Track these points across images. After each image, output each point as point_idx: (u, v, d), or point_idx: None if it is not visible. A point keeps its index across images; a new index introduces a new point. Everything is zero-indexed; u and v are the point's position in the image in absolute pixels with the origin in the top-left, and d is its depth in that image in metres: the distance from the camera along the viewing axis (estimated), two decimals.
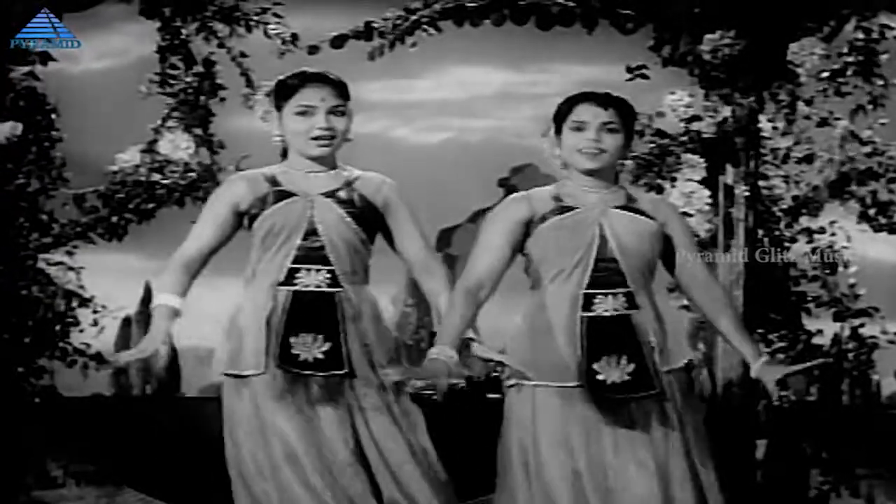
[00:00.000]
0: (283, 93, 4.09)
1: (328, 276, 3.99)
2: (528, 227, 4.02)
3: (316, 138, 4.02)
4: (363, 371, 3.97)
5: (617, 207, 4.03)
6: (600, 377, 3.94)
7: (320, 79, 4.07)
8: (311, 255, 4.00)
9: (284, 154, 4.15)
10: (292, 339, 3.95)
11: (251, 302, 4.03)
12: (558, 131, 4.07)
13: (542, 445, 3.93)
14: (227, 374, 4.03)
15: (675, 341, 4.03)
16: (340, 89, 4.07)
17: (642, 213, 4.04)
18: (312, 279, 3.99)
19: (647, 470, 3.90)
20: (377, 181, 4.10)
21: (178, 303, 4.06)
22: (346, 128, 4.06)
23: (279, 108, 4.09)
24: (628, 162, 6.02)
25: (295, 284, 3.99)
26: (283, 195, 4.04)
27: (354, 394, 3.96)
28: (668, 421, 3.96)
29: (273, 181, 4.07)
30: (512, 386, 4.01)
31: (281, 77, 4.14)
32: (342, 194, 4.05)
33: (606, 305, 3.99)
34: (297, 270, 4.00)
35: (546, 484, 3.90)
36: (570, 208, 4.01)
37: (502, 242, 4.01)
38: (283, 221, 4.01)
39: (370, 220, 4.06)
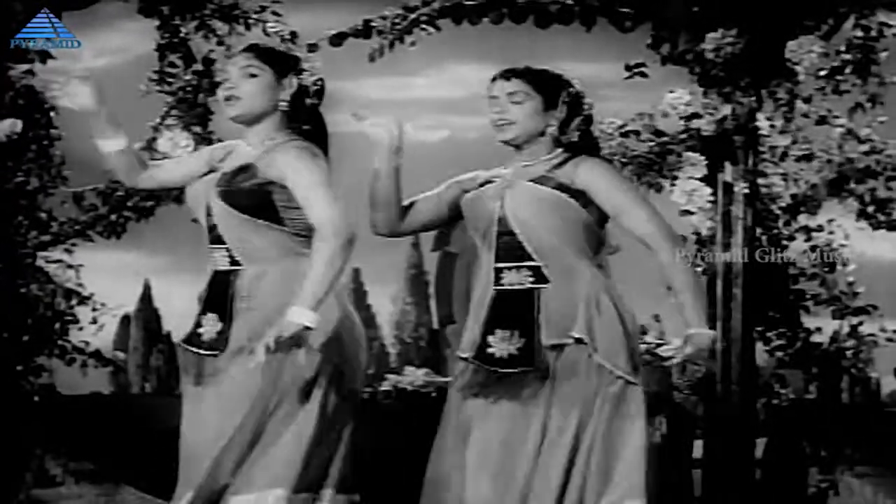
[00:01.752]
0: None
1: (226, 255, 3.97)
2: (445, 208, 4.15)
3: (225, 100, 4.02)
4: (236, 350, 3.90)
5: (531, 180, 3.97)
6: (490, 350, 3.93)
7: (248, 48, 4.06)
8: (212, 235, 4.01)
9: None
10: (201, 318, 3.97)
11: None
12: None
13: (449, 415, 3.97)
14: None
15: (567, 316, 3.89)
16: (256, 52, 4.01)
17: (558, 185, 3.93)
18: (217, 258, 3.99)
19: (533, 442, 3.86)
20: (281, 156, 3.94)
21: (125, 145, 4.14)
22: (256, 88, 3.97)
23: None
24: (628, 161, 6.03)
25: (216, 264, 4.01)
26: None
27: (222, 373, 3.92)
28: (539, 398, 3.87)
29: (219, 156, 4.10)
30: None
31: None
32: (224, 180, 3.99)
33: (511, 279, 3.96)
34: (212, 251, 4.01)
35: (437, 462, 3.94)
36: (486, 183, 4.04)
37: (435, 194, 4.14)
38: (191, 202, 4.09)
39: (263, 201, 3.94)
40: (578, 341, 3.85)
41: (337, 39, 6.29)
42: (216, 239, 3.98)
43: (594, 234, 3.96)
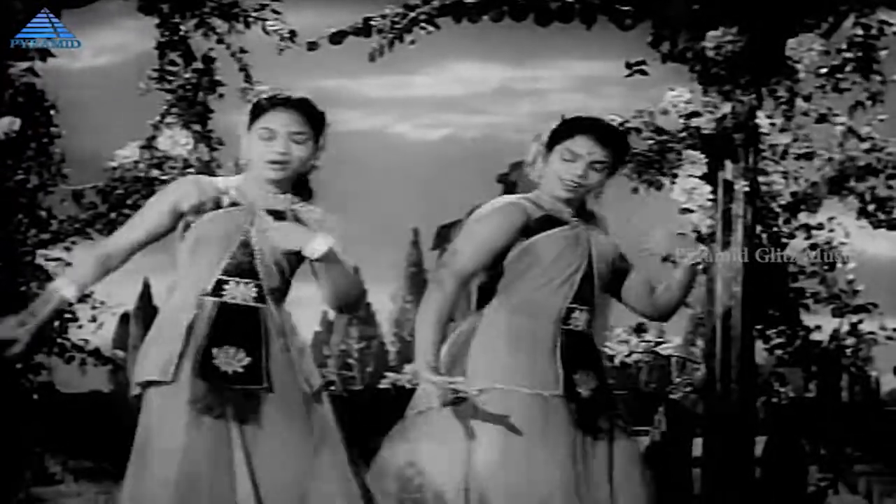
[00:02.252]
0: (254, 113, 4.04)
1: (255, 290, 3.93)
2: (519, 233, 4.04)
3: (271, 162, 3.98)
4: (282, 386, 3.90)
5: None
6: (578, 389, 3.99)
7: (290, 104, 3.99)
8: (242, 267, 3.93)
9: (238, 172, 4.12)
10: (215, 351, 3.89)
11: (171, 310, 3.98)
12: (550, 147, 4.08)
13: (517, 450, 3.93)
14: (138, 384, 3.95)
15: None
16: (308, 117, 3.98)
17: (610, 240, 4.15)
18: (240, 292, 3.93)
19: (604, 478, 3.97)
20: (316, 212, 4.02)
21: (74, 296, 4.00)
22: (305, 155, 3.97)
23: (249, 128, 4.04)
24: (628, 159, 6.02)
25: (222, 296, 3.94)
26: (228, 203, 3.99)
27: (273, 409, 3.89)
28: (621, 433, 4.05)
29: (222, 190, 4.01)
30: (481, 391, 3.96)
31: (257, 98, 4.09)
32: (283, 215, 3.98)
33: (580, 321, 4.04)
34: (226, 282, 3.93)
35: (524, 489, 3.91)
36: (560, 221, 4.03)
37: (496, 247, 4.03)
38: (220, 230, 3.95)
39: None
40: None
41: (337, 38, 6.28)
42: (246, 272, 3.93)
43: None
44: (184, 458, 3.81)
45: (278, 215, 3.95)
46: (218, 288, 3.92)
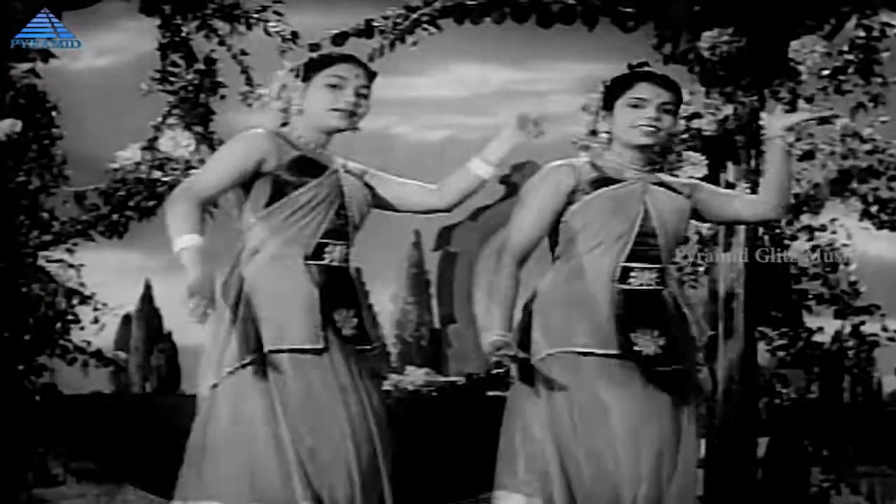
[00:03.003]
0: (318, 63, 4.02)
1: (345, 251, 3.96)
2: (571, 196, 4.03)
3: (337, 110, 4.00)
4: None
5: (655, 184, 4.06)
6: (637, 348, 3.96)
7: (357, 60, 4.06)
8: (338, 229, 3.95)
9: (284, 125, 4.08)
10: (335, 315, 3.90)
11: (282, 277, 3.92)
12: (608, 107, 4.10)
13: (581, 410, 3.93)
14: (273, 351, 3.87)
15: (700, 317, 4.10)
16: (370, 75, 4.05)
17: (676, 190, 4.08)
18: (337, 254, 3.95)
19: (670, 439, 3.95)
20: (359, 166, 4.09)
21: (200, 241, 3.83)
22: (364, 112, 4.02)
23: (307, 79, 4.00)
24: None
25: (323, 259, 3.94)
26: (313, 165, 3.95)
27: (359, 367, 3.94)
28: (691, 393, 4.01)
29: (294, 145, 3.96)
30: (544, 358, 3.98)
31: (315, 54, 4.12)
32: (353, 168, 4.03)
33: (641, 279, 4.01)
34: (326, 245, 3.93)
35: (589, 448, 3.91)
36: (614, 180, 4.04)
37: (549, 212, 4.03)
38: (323, 195, 3.94)
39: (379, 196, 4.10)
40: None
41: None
42: (340, 234, 3.95)
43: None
44: (347, 422, 3.86)
45: (355, 174, 4.01)
46: (319, 252, 3.92)
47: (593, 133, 4.12)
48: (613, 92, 4.09)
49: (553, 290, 4.02)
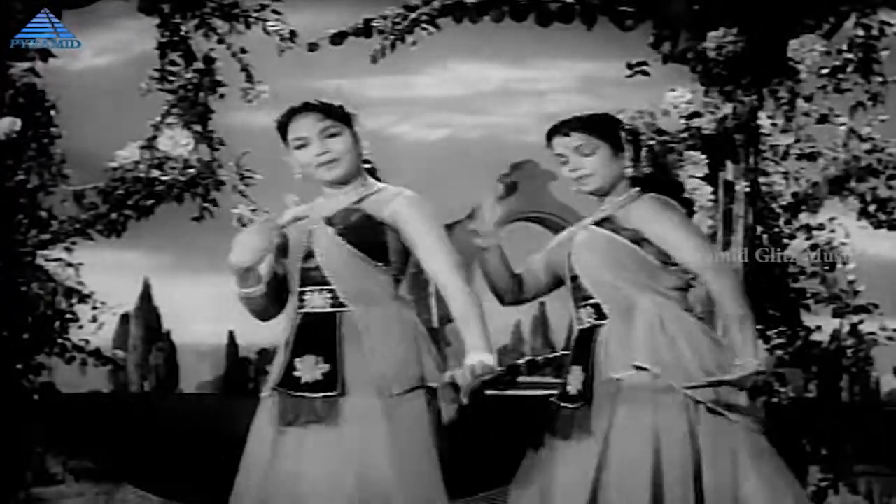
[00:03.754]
0: (281, 132, 4.09)
1: (329, 297, 3.96)
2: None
3: (319, 165, 4.01)
4: (359, 390, 3.90)
5: (594, 223, 4.13)
6: (567, 388, 4.08)
7: (305, 108, 4.04)
8: (313, 276, 3.98)
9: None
10: (296, 361, 3.94)
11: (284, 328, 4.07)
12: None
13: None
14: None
15: (627, 348, 4.02)
16: (327, 111, 4.03)
17: (615, 226, 4.09)
18: (317, 300, 3.97)
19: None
20: (388, 195, 4.03)
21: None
22: (345, 147, 4.02)
23: (287, 146, 4.09)
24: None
25: (304, 307, 3.99)
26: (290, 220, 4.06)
27: (346, 413, 3.89)
28: (588, 430, 3.99)
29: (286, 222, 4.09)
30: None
31: (275, 121, 4.12)
32: (340, 217, 4.00)
33: (581, 319, 4.12)
34: (305, 293, 3.98)
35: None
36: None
37: (544, 252, 4.29)
38: (290, 245, 4.02)
39: (371, 238, 3.98)
40: (640, 369, 3.92)
41: (337, 39, 6.28)
42: (317, 280, 3.96)
43: (659, 270, 4.09)
44: (262, 471, 3.89)
45: (335, 220, 3.98)
46: (301, 299, 3.98)
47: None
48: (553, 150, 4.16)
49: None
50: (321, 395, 3.87)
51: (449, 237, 4.11)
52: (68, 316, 6.46)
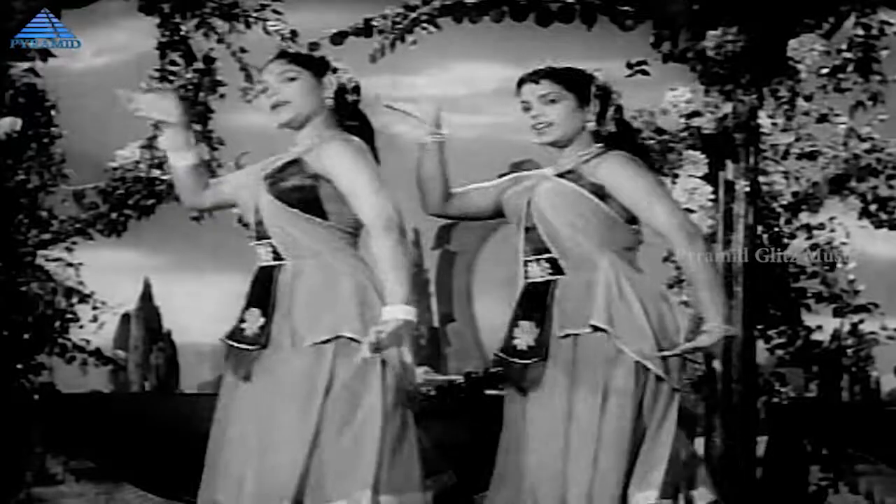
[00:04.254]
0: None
1: (270, 251, 3.98)
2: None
3: (272, 107, 4.04)
4: (278, 344, 3.91)
5: (557, 175, 4.07)
6: (514, 342, 4.03)
7: (278, 55, 4.10)
8: (260, 231, 4.01)
9: None
10: (245, 313, 3.98)
11: None
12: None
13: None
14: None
15: (586, 305, 3.98)
16: (288, 57, 4.07)
17: (581, 179, 4.04)
18: (263, 254, 4.00)
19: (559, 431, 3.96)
20: (327, 150, 3.96)
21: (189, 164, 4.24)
22: (296, 91, 4.02)
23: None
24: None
25: (259, 260, 4.03)
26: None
27: (266, 365, 3.91)
28: (555, 385, 3.96)
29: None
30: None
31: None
32: (274, 174, 4.01)
33: (533, 271, 4.04)
34: (258, 247, 4.02)
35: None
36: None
37: (490, 186, 4.23)
38: (241, 203, 4.10)
39: (304, 194, 3.95)
40: (596, 329, 3.89)
41: (338, 38, 6.28)
42: (262, 234, 3.99)
43: (620, 228, 4.01)
44: (221, 422, 3.97)
45: (274, 176, 3.99)
46: (257, 253, 4.02)
47: None
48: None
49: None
50: (252, 347, 3.91)
51: (450, 237, 4.11)
52: (69, 316, 6.47)
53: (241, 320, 3.97)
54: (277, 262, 3.95)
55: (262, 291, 3.95)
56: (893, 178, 6.22)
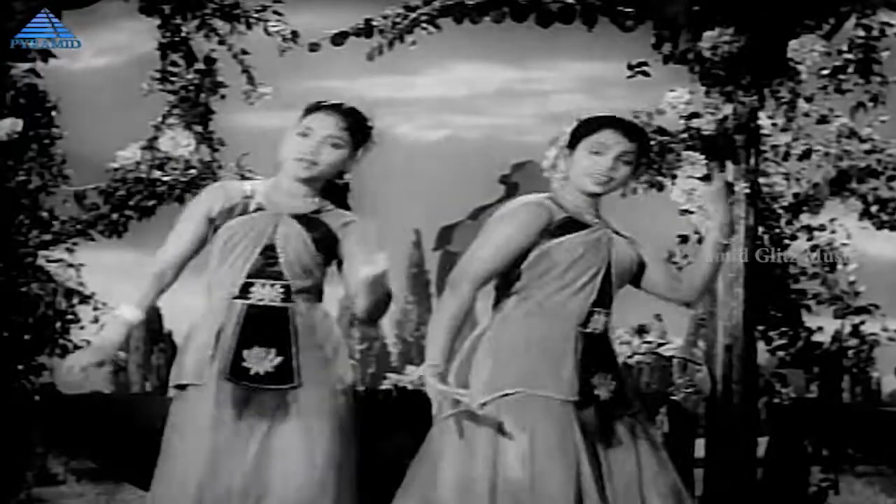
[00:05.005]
0: (304, 113, 4.08)
1: (282, 290, 3.99)
2: (539, 236, 3.97)
3: (299, 159, 4.02)
4: (314, 382, 3.96)
5: (614, 232, 4.07)
6: (597, 392, 3.95)
7: (336, 109, 4.06)
8: (267, 269, 3.99)
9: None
10: (245, 353, 3.95)
11: (204, 314, 4.06)
12: (572, 146, 4.04)
13: (540, 454, 3.89)
14: (173, 387, 4.06)
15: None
16: (352, 125, 4.05)
17: (628, 240, 4.08)
18: (266, 293, 3.99)
19: (633, 483, 3.92)
20: (346, 216, 4.09)
21: (138, 318, 4.12)
22: (335, 160, 4.04)
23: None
24: None
25: (249, 298, 3.99)
26: (254, 208, 4.05)
27: (301, 405, 3.95)
28: (641, 434, 3.99)
29: (249, 195, 4.07)
30: (492, 400, 3.94)
31: (314, 102, 4.14)
32: (309, 217, 4.04)
33: (598, 324, 4.00)
34: (252, 284, 3.99)
35: (546, 493, 3.87)
36: (582, 225, 4.01)
37: (515, 248, 3.96)
38: (244, 233, 4.01)
39: (329, 246, 4.04)
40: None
41: (338, 38, 6.28)
42: (271, 274, 3.99)
43: None
44: (207, 460, 3.92)
45: (303, 220, 4.00)
46: (245, 290, 3.98)
47: (553, 167, 4.08)
48: (580, 133, 4.03)
49: (509, 327, 3.97)
50: (274, 386, 3.93)
51: (451, 237, 4.11)
52: (69, 316, 6.47)
53: (239, 359, 3.95)
54: (285, 305, 3.98)
55: (272, 330, 3.97)
56: (894, 180, 6.22)
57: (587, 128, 4.02)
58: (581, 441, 3.87)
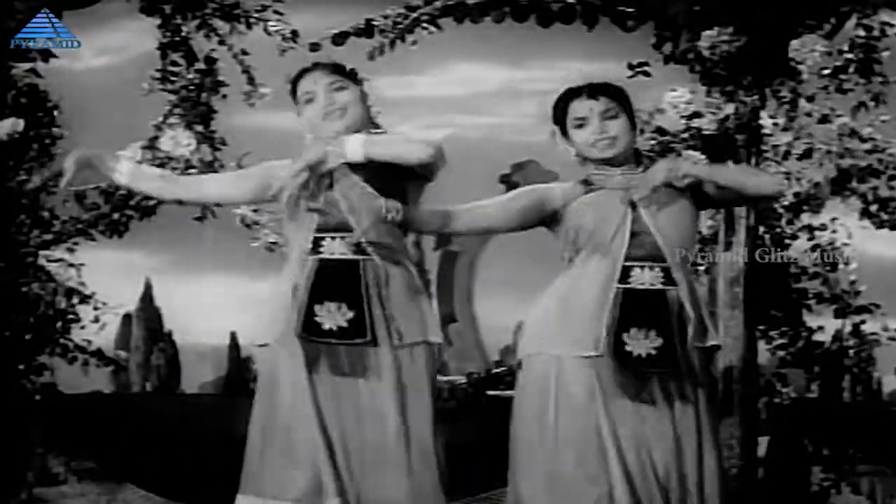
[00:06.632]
0: (292, 94, 4.16)
1: (352, 244, 3.98)
2: (556, 213, 4.08)
3: (327, 115, 4.04)
4: (384, 339, 3.96)
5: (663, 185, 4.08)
6: (628, 348, 3.95)
7: (314, 66, 4.15)
8: (333, 223, 3.99)
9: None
10: (316, 308, 3.94)
11: (284, 273, 4.06)
12: (564, 132, 4.11)
13: (564, 411, 3.92)
14: (255, 346, 4.08)
15: (708, 321, 4.07)
16: (334, 68, 4.13)
17: (673, 187, 4.06)
18: (336, 247, 3.98)
19: (666, 443, 3.92)
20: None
21: (125, 182, 4.30)
22: (351, 98, 4.09)
23: (296, 104, 4.15)
24: None
25: (320, 253, 3.99)
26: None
27: (375, 361, 3.94)
28: (686, 397, 3.98)
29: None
30: (531, 355, 4.00)
31: (286, 80, 4.17)
32: (363, 165, 4.02)
33: (642, 278, 4.00)
34: (322, 239, 3.98)
35: (564, 447, 3.90)
36: (601, 188, 4.07)
37: (516, 205, 4.10)
38: (300, 189, 4.01)
39: (392, 181, 4.02)
40: (715, 346, 4.10)
41: (339, 39, 6.28)
42: (337, 227, 3.98)
43: (695, 242, 4.26)
44: (287, 413, 3.92)
45: (357, 168, 3.99)
46: (316, 245, 3.98)
47: (568, 153, 4.16)
48: (558, 117, 4.12)
49: (550, 297, 4.07)
50: (348, 341, 3.92)
51: (451, 238, 4.12)
52: (70, 316, 6.47)
53: (311, 314, 3.95)
54: (358, 257, 3.97)
55: (343, 285, 3.95)
56: (894, 179, 6.22)
57: (560, 110, 4.12)
58: (601, 397, 3.91)
